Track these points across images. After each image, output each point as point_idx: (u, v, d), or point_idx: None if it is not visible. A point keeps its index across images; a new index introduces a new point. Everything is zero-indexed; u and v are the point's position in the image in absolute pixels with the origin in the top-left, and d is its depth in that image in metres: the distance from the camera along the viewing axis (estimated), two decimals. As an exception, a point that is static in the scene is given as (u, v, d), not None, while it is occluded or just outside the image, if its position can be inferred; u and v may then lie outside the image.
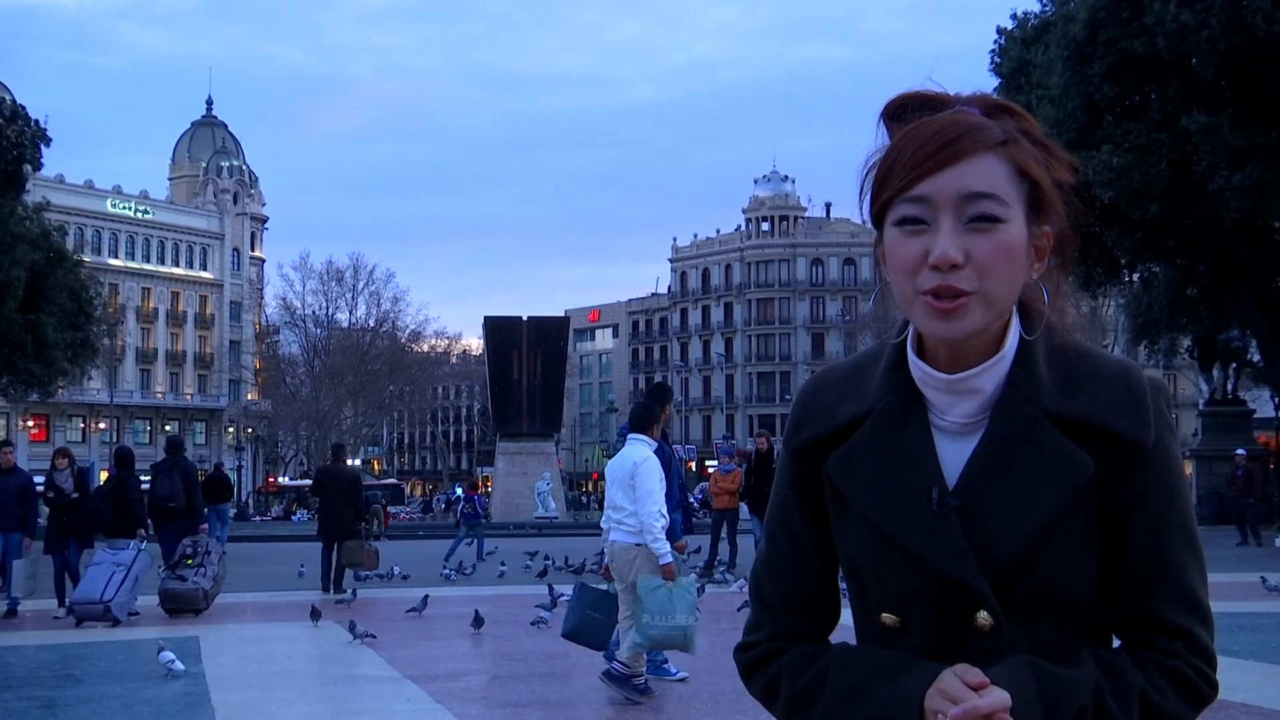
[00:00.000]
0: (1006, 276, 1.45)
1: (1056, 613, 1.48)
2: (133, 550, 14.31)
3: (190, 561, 14.78)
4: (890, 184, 1.47)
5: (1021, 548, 1.45)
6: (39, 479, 15.62)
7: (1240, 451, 28.43)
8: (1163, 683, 1.47)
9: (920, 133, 1.47)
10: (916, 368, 1.54)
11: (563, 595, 14.21)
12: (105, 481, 16.04)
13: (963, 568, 1.46)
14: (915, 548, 1.48)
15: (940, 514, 1.48)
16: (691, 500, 23.32)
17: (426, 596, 14.54)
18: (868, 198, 1.51)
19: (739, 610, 12.59)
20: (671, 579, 8.43)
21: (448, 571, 20.08)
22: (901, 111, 1.52)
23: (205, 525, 16.80)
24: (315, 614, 13.34)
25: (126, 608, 14.10)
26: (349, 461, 21.79)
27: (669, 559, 8.52)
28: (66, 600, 14.65)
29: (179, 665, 9.83)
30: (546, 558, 20.83)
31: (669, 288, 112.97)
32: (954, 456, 1.52)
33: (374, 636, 11.91)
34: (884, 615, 1.53)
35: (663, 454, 9.47)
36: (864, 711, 1.48)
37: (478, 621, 12.55)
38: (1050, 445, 1.48)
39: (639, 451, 8.82)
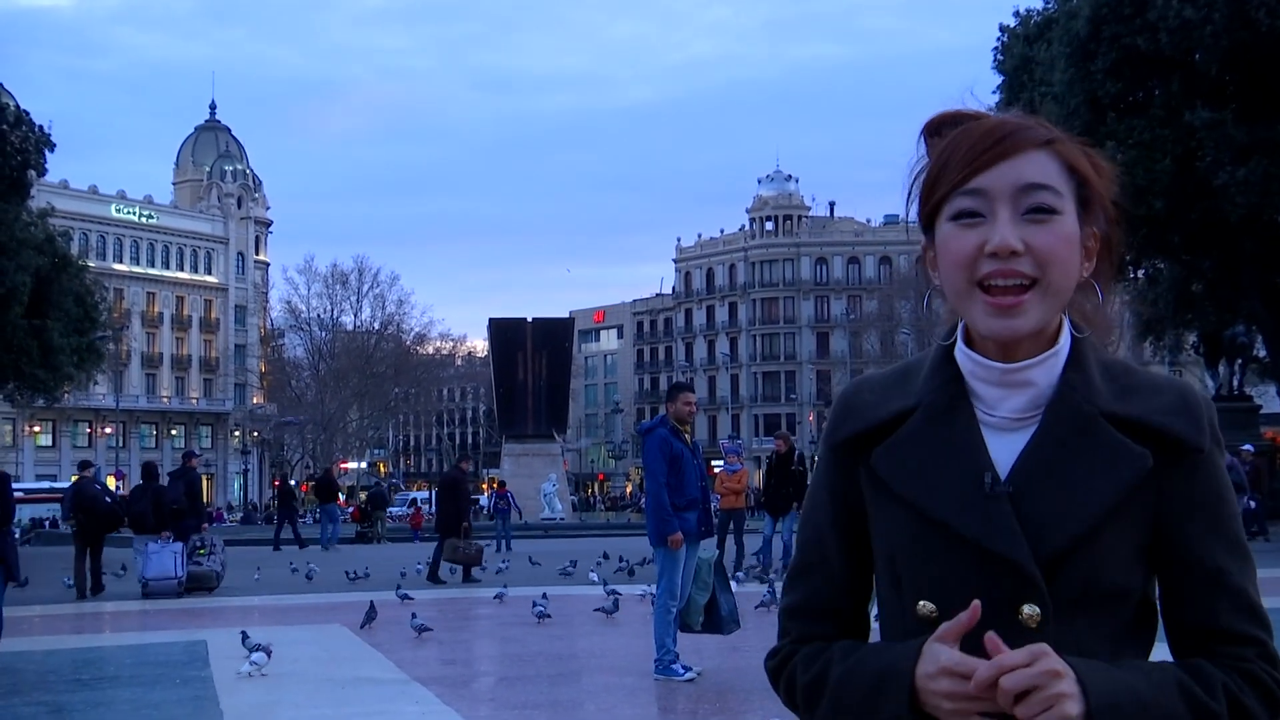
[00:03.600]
0: (1065, 267, 1.49)
1: (1098, 612, 1.46)
2: (176, 543, 17.89)
3: (203, 551, 18.56)
4: (944, 181, 1.50)
5: (1074, 536, 1.44)
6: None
7: (1247, 447, 28.32)
8: (1242, 683, 1.45)
9: (972, 132, 1.51)
10: (968, 359, 1.54)
11: (618, 595, 14.45)
12: (138, 488, 19.23)
13: (1016, 549, 1.44)
14: (967, 529, 1.46)
15: (992, 496, 1.47)
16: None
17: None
18: (916, 203, 1.55)
19: (754, 609, 12.54)
20: None
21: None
22: (942, 128, 1.56)
23: (207, 524, 20.77)
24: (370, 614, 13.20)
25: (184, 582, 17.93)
26: (468, 469, 23.19)
27: None
28: None
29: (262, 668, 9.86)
30: (622, 559, 20.56)
31: (673, 288, 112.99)
32: (1002, 450, 1.51)
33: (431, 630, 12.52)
34: (920, 604, 1.49)
35: (671, 447, 9.45)
36: (859, 686, 1.49)
37: (420, 628, 12.34)
38: (1107, 440, 1.48)
39: None
